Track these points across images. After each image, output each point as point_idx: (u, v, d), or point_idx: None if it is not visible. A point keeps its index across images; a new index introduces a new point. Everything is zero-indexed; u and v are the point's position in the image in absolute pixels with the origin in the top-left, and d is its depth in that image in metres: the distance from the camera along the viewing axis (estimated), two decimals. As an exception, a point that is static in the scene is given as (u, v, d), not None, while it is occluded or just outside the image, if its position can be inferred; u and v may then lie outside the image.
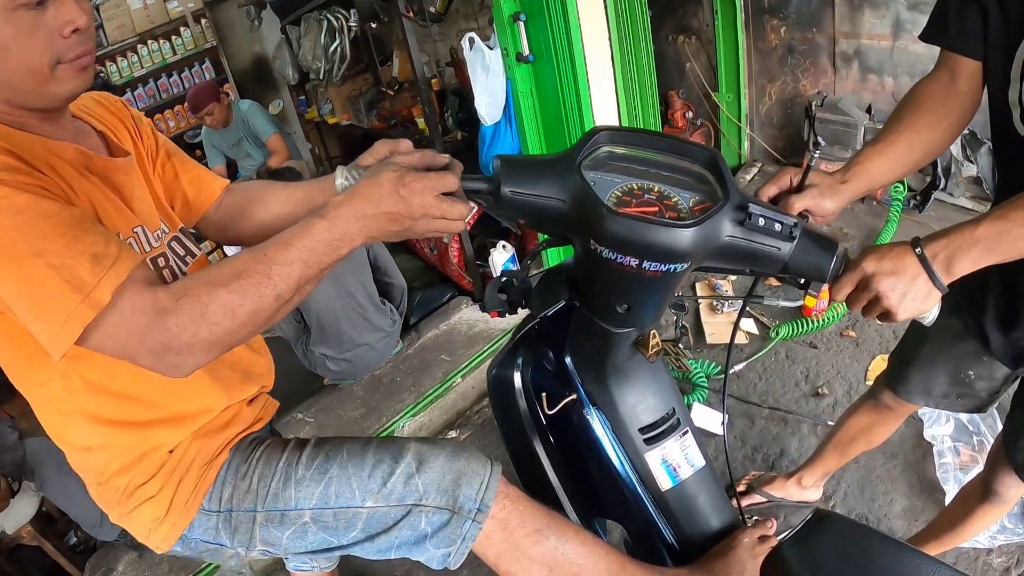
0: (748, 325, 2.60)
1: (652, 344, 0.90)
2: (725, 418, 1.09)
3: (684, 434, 1.01)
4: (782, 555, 0.98)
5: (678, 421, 1.01)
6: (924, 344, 1.28)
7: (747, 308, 2.60)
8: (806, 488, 1.77)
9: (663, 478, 1.00)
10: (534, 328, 0.97)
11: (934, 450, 1.88)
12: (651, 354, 0.90)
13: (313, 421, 2.54)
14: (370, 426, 2.44)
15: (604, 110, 2.41)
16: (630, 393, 0.98)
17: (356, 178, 0.82)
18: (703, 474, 1.02)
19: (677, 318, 1.07)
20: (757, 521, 1.07)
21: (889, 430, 1.54)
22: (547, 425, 1.09)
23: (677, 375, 2.41)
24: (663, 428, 0.99)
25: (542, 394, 1.05)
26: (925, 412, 1.95)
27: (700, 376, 2.37)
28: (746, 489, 1.86)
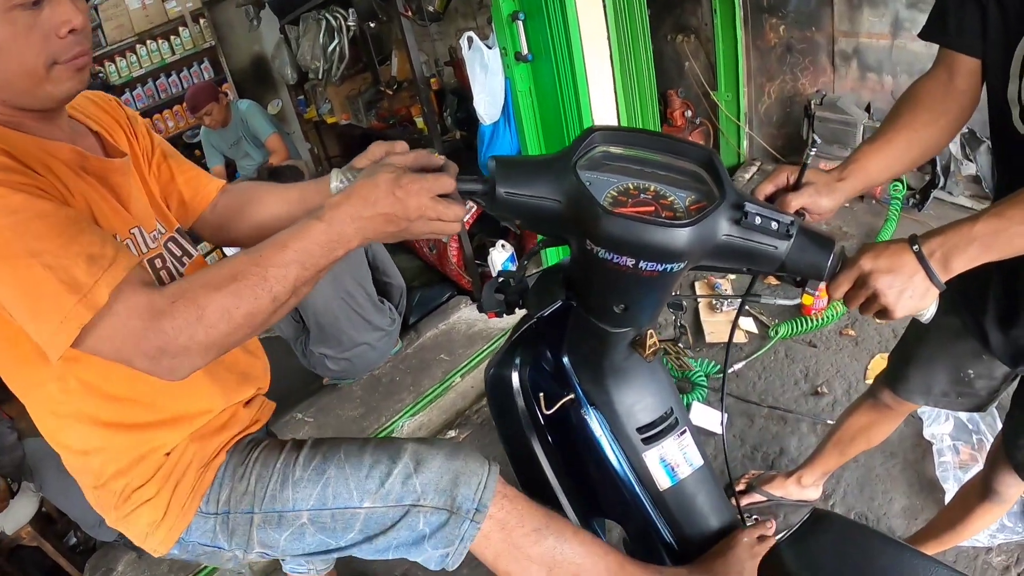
0: (747, 324, 2.60)
1: (649, 344, 0.89)
2: (724, 417, 1.08)
3: (682, 434, 1.01)
4: (780, 555, 0.98)
5: (676, 421, 1.01)
6: (924, 343, 1.28)
7: (746, 307, 2.59)
8: (806, 487, 1.77)
9: (661, 477, 1.00)
10: (531, 328, 0.97)
11: (934, 449, 1.88)
12: (648, 354, 0.90)
13: (312, 421, 2.54)
14: (369, 426, 2.44)
15: (603, 109, 2.41)
16: (628, 393, 0.98)
17: (351, 180, 0.82)
18: (701, 473, 1.02)
19: (676, 317, 1.07)
20: (756, 521, 1.07)
21: (889, 429, 1.54)
22: (545, 425, 1.09)
23: (677, 374, 2.41)
24: (661, 428, 0.99)
25: (540, 394, 1.05)
26: (924, 411, 1.95)
27: (699, 375, 2.37)
28: (746, 488, 1.85)
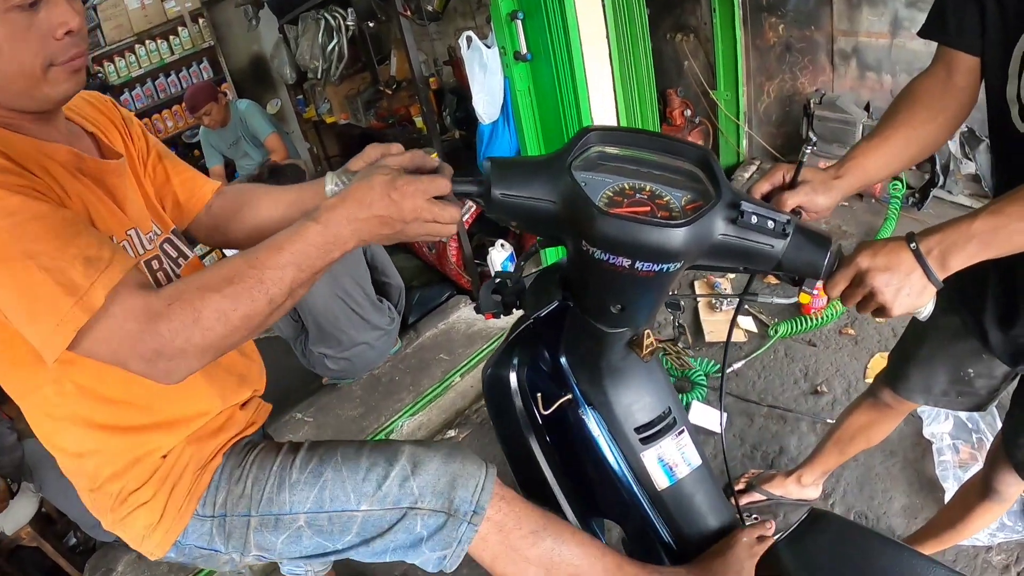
0: (747, 323, 2.60)
1: (647, 344, 0.89)
2: (723, 417, 1.08)
3: (680, 433, 1.01)
4: (777, 555, 0.97)
5: (674, 420, 1.01)
6: (924, 342, 1.28)
7: (746, 306, 2.59)
8: (805, 486, 1.77)
9: (660, 477, 1.00)
10: (529, 329, 0.96)
11: (933, 448, 1.88)
12: (646, 354, 0.90)
13: (312, 421, 2.54)
14: (369, 426, 2.43)
15: (602, 108, 2.41)
16: (625, 393, 0.98)
17: (346, 183, 0.81)
18: (700, 473, 1.02)
19: (674, 317, 1.07)
20: (756, 520, 1.07)
21: (889, 428, 1.54)
22: (543, 425, 1.09)
23: (677, 373, 2.41)
24: (659, 427, 0.99)
25: (537, 394, 1.04)
26: (924, 410, 1.95)
27: (699, 374, 2.37)
28: (745, 487, 1.85)
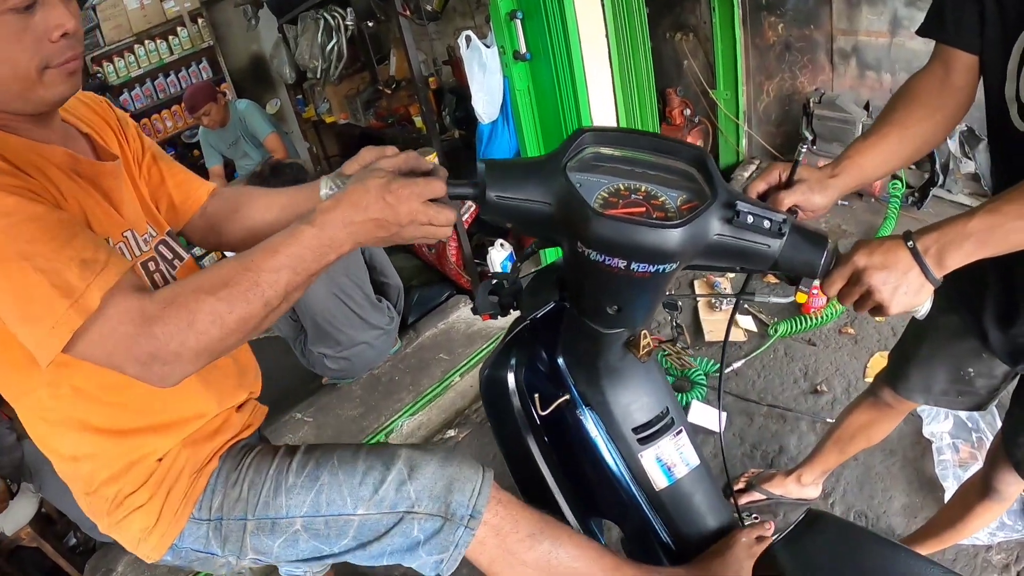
0: (747, 322, 2.60)
1: (643, 344, 0.89)
2: (721, 416, 1.08)
3: (678, 433, 1.01)
4: (774, 555, 0.97)
5: (672, 420, 1.00)
6: (923, 342, 1.28)
7: (746, 305, 2.59)
8: (805, 485, 1.77)
9: (658, 477, 1.00)
10: (526, 329, 0.96)
11: (933, 447, 1.88)
12: (643, 354, 0.90)
13: (312, 420, 2.53)
14: (369, 425, 2.43)
15: (601, 108, 2.41)
16: (623, 393, 0.98)
17: (340, 186, 0.81)
18: (698, 473, 1.02)
19: (672, 317, 1.07)
20: (755, 520, 1.07)
21: (889, 427, 1.54)
22: (541, 426, 1.09)
23: (677, 373, 2.41)
24: (657, 427, 0.99)
25: (535, 395, 1.04)
26: (924, 409, 1.95)
27: (699, 374, 2.37)
28: (745, 487, 1.85)
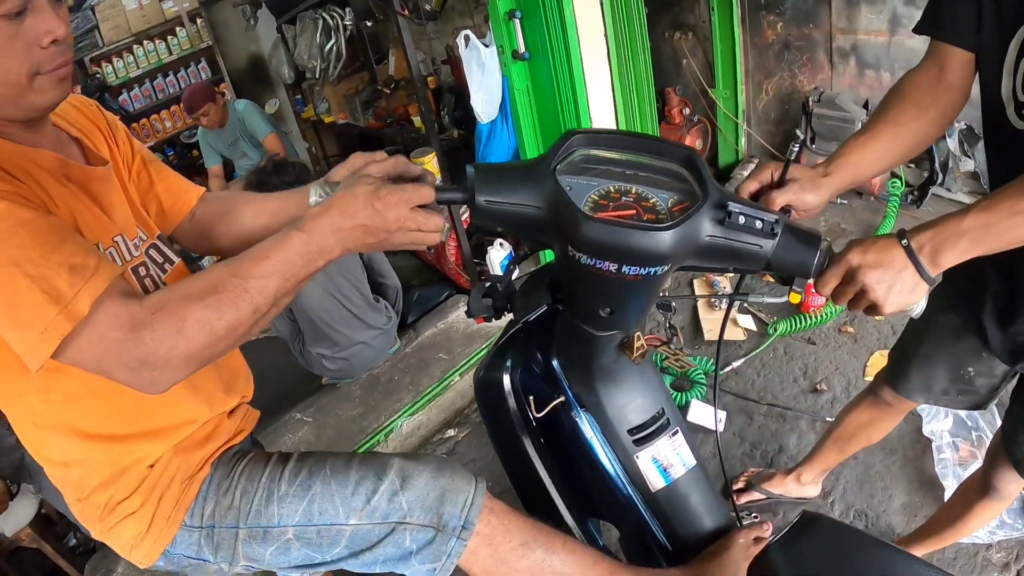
0: (746, 321, 2.60)
1: (637, 346, 0.89)
2: (717, 415, 1.08)
3: (674, 434, 1.00)
4: (769, 557, 0.97)
5: (668, 421, 1.00)
6: (923, 341, 1.27)
7: (745, 304, 2.59)
8: (805, 484, 1.77)
9: (655, 478, 1.00)
10: (520, 332, 0.96)
11: (933, 446, 1.88)
12: (636, 356, 0.89)
13: (311, 421, 2.53)
14: (368, 425, 2.43)
15: (600, 107, 2.41)
16: (618, 395, 0.97)
17: (329, 192, 0.82)
18: (695, 473, 1.01)
19: (665, 318, 1.06)
20: (755, 519, 1.07)
21: (888, 426, 1.54)
22: (537, 427, 1.08)
23: (676, 373, 2.41)
24: (653, 428, 0.99)
25: (530, 397, 1.04)
26: (924, 407, 1.95)
27: (698, 373, 2.37)
28: (745, 486, 1.85)
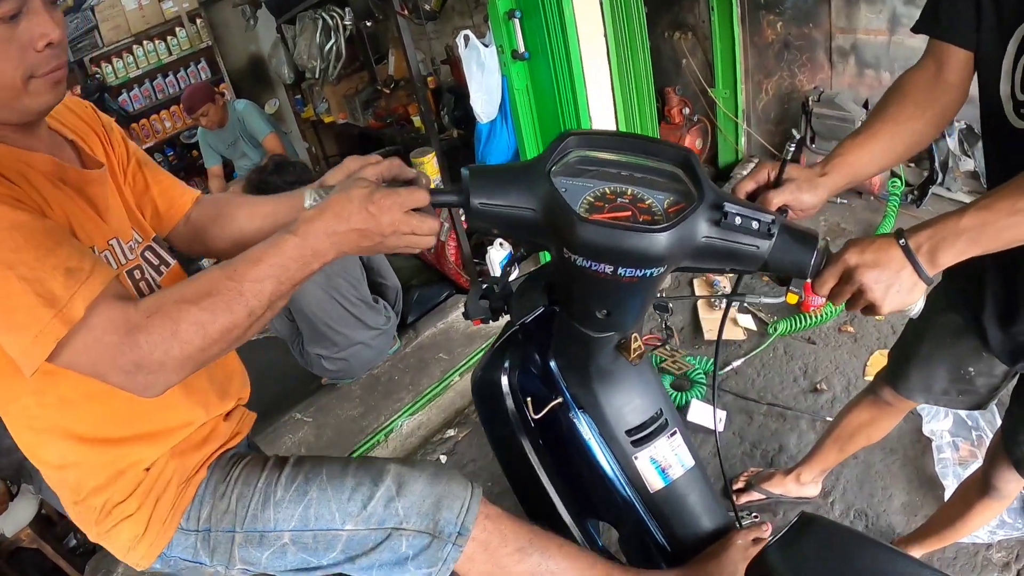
0: (746, 321, 2.60)
1: (634, 347, 0.89)
2: (717, 415, 1.08)
3: (673, 435, 1.00)
4: (766, 559, 0.97)
5: (666, 422, 1.00)
6: (923, 341, 1.27)
7: (745, 304, 2.59)
8: (805, 484, 1.77)
9: (653, 479, 1.00)
10: (517, 333, 0.96)
11: (933, 445, 1.88)
12: (634, 357, 0.89)
13: (311, 421, 2.53)
14: (368, 425, 2.43)
15: (600, 107, 2.41)
16: (616, 396, 0.97)
17: (324, 196, 0.82)
18: (694, 474, 1.01)
19: (662, 320, 1.06)
20: (754, 519, 1.07)
21: (888, 426, 1.54)
22: (535, 428, 1.08)
23: (674, 374, 2.41)
24: (651, 429, 0.99)
25: (528, 398, 1.04)
26: (924, 407, 1.95)
27: (698, 373, 2.37)
28: (745, 486, 1.85)
